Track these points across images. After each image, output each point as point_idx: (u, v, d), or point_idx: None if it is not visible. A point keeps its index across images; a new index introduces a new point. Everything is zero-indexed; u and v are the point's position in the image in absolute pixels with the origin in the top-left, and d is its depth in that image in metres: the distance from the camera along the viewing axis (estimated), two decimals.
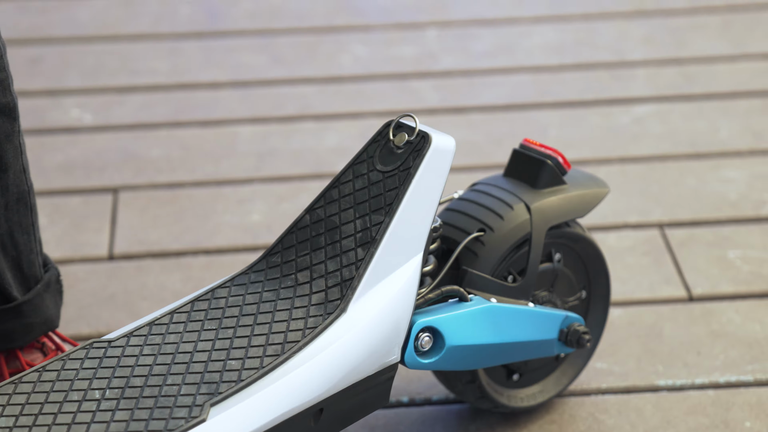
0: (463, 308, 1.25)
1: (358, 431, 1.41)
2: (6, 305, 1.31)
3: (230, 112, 2.05)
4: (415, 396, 1.46)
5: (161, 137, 1.98)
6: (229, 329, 1.19)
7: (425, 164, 1.22)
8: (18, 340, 1.32)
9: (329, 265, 1.22)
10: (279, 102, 2.08)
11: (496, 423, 1.42)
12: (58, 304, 1.36)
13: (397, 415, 1.43)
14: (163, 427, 1.08)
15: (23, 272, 1.32)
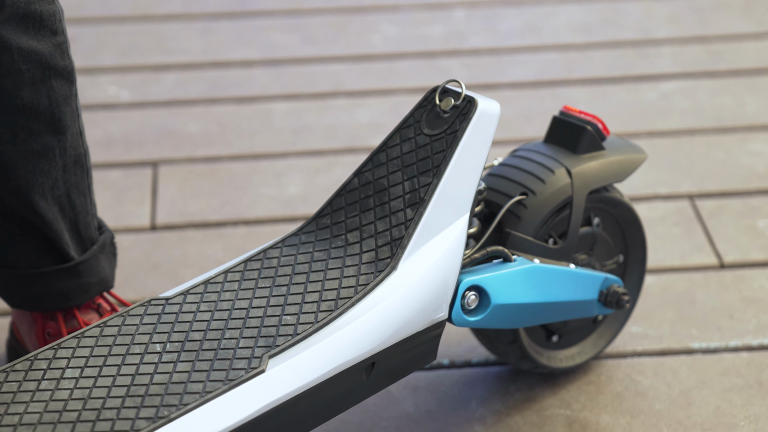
0: (508, 268, 1.29)
1: (401, 391, 1.45)
2: (64, 265, 1.34)
3: (264, 89, 2.09)
4: (456, 358, 1.50)
5: (197, 113, 2.02)
6: (283, 287, 1.23)
7: (472, 127, 1.26)
8: (75, 299, 1.36)
9: (379, 226, 1.26)
10: (311, 79, 2.11)
11: (535, 383, 1.45)
12: (112, 266, 1.40)
13: (438, 376, 1.47)
14: (224, 378, 1.12)
15: (80, 234, 1.35)
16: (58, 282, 1.35)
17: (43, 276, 1.34)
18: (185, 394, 1.11)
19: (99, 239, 1.38)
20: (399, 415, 1.42)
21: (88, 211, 1.36)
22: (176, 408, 1.09)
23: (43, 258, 1.34)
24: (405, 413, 1.42)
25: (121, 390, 1.12)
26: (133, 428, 1.07)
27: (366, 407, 1.42)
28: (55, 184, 1.31)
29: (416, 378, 1.47)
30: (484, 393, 1.44)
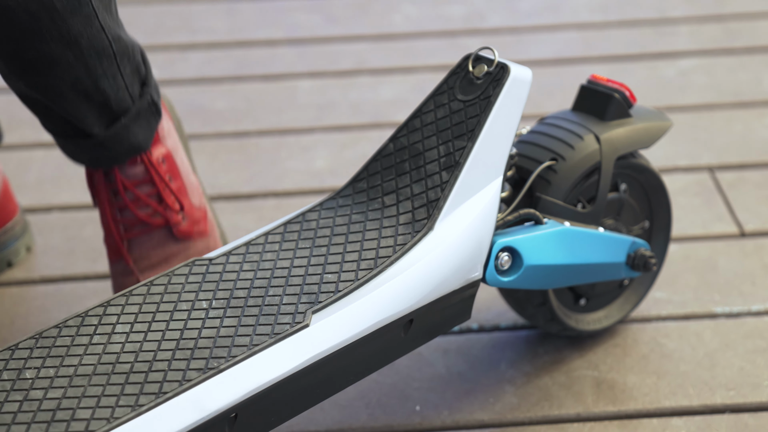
0: (540, 230, 1.33)
1: (433, 354, 1.49)
2: (87, 140, 1.37)
3: (289, 67, 2.13)
4: (485, 323, 1.54)
5: (224, 91, 2.06)
6: (323, 247, 1.27)
7: (505, 92, 1.30)
8: (104, 163, 1.40)
9: (415, 188, 1.30)
10: (335, 58, 2.15)
11: (563, 346, 1.49)
12: (149, 128, 1.41)
13: (468, 340, 1.51)
14: (270, 332, 1.16)
15: (112, 110, 1.37)
16: (85, 151, 1.38)
17: (70, 143, 1.39)
18: (233, 347, 1.15)
19: (132, 109, 1.38)
20: (431, 376, 1.46)
21: (120, 87, 1.36)
22: (225, 360, 1.13)
23: (68, 130, 1.37)
24: (437, 374, 1.46)
25: (170, 344, 1.16)
26: (184, 378, 1.11)
27: (399, 369, 1.46)
28: (76, 80, 1.32)
29: (446, 341, 1.51)
30: (513, 356, 1.48)
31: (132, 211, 1.40)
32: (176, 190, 1.43)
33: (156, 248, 1.42)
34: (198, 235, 1.43)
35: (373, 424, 1.39)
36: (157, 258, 1.42)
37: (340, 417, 1.40)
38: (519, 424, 1.39)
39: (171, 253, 1.42)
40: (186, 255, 1.42)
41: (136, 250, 1.41)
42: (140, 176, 1.40)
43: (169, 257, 1.41)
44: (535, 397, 1.42)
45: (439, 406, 1.41)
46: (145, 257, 1.41)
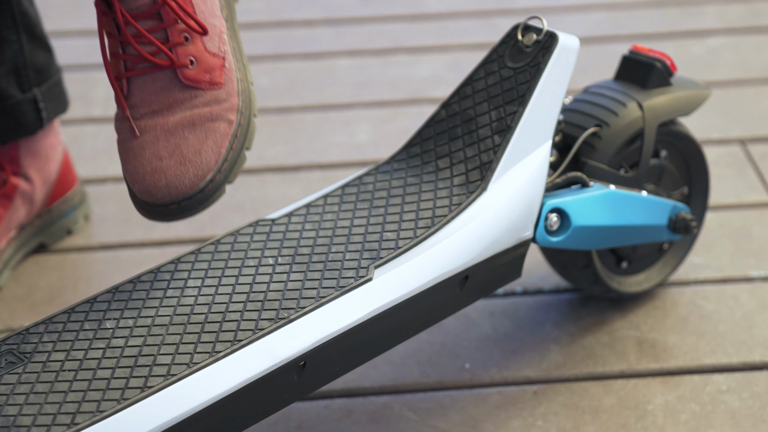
0: (587, 193, 1.39)
1: (479, 315, 1.54)
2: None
3: (327, 45, 2.19)
4: (528, 286, 1.59)
5: (266, 69, 2.12)
6: (380, 207, 1.33)
7: (554, 60, 1.35)
8: None
9: (467, 152, 1.35)
10: (372, 37, 2.21)
11: (605, 308, 1.55)
12: None
13: (513, 302, 1.57)
14: (335, 285, 1.22)
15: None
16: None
17: None
18: (301, 299, 1.21)
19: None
20: (478, 336, 1.51)
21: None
22: (294, 310, 1.19)
23: None
24: (484, 335, 1.52)
25: (241, 297, 1.22)
26: (257, 327, 1.17)
27: (447, 329, 1.52)
28: None
29: (492, 304, 1.56)
30: (557, 317, 1.54)
31: (133, 46, 1.24)
32: (185, 29, 1.27)
33: (158, 93, 1.26)
34: (208, 84, 1.26)
35: (425, 380, 1.45)
36: (159, 104, 1.26)
37: (393, 374, 1.46)
38: (565, 380, 1.45)
39: (174, 100, 1.25)
40: (190, 104, 1.25)
41: (137, 93, 1.26)
42: (144, 8, 1.25)
43: (171, 105, 1.25)
44: (579, 355, 1.48)
45: (488, 363, 1.47)
46: (147, 103, 1.26)
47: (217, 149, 1.24)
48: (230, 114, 1.27)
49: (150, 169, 1.22)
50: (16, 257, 1.62)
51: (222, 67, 1.28)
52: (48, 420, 1.07)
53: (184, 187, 1.22)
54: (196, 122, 1.25)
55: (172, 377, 1.12)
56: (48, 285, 1.61)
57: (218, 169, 1.24)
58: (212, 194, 1.24)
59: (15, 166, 1.59)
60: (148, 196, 1.21)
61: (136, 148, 1.24)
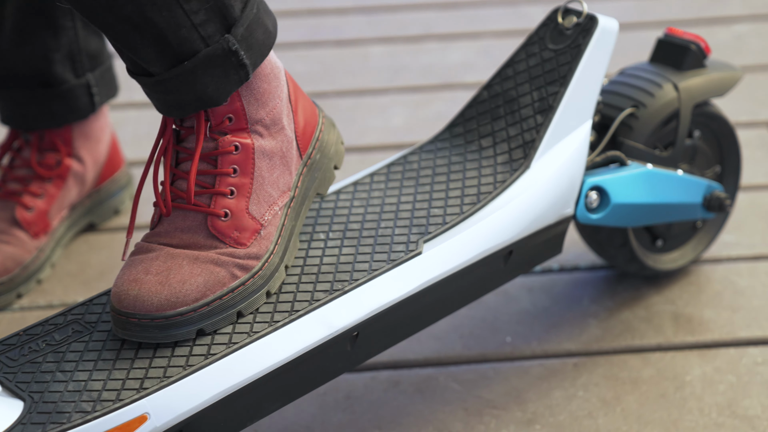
0: (625, 171, 1.43)
1: (518, 291, 1.59)
2: (148, 78, 1.23)
3: (360, 33, 2.23)
4: (565, 264, 1.64)
5: (300, 56, 2.16)
6: (426, 185, 1.37)
7: (594, 41, 1.39)
8: (173, 111, 1.25)
9: (510, 131, 1.40)
10: (404, 24, 2.26)
11: (640, 284, 1.59)
12: (222, 81, 1.23)
13: (550, 279, 1.61)
14: (386, 258, 1.26)
15: (172, 49, 1.21)
16: (151, 92, 1.24)
17: (141, 83, 1.25)
18: (354, 271, 1.25)
19: (201, 53, 1.21)
20: (518, 311, 1.56)
21: (181, 25, 1.20)
22: (348, 282, 1.24)
23: (135, 65, 1.24)
24: (523, 310, 1.56)
25: (296, 269, 1.26)
26: (313, 299, 1.22)
27: (488, 304, 1.57)
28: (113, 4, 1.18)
29: (530, 281, 1.61)
30: (594, 293, 1.59)
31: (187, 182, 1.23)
32: (235, 184, 1.25)
33: (184, 231, 1.24)
34: (233, 241, 1.23)
35: (467, 353, 1.50)
36: (179, 241, 1.23)
37: (437, 347, 1.51)
38: (604, 353, 1.49)
39: (195, 243, 1.23)
40: (194, 256, 1.21)
41: (165, 224, 1.24)
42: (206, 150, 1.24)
43: (189, 246, 1.22)
44: (617, 329, 1.52)
45: (528, 337, 1.52)
46: (170, 236, 1.24)
47: (204, 290, 1.19)
48: (238, 271, 1.22)
49: (131, 279, 1.19)
50: (67, 236, 1.67)
51: (255, 233, 1.25)
52: (118, 385, 1.12)
53: (150, 305, 1.17)
54: (200, 258, 1.22)
55: (233, 345, 1.16)
56: (98, 262, 1.66)
57: (194, 307, 1.18)
58: (177, 329, 1.17)
59: (69, 148, 1.64)
60: (115, 301, 1.18)
61: (135, 261, 1.21)
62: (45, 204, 1.61)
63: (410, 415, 1.41)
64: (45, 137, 1.63)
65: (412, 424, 1.40)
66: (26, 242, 1.59)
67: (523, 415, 1.41)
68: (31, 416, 1.08)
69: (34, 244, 1.60)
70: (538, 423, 1.39)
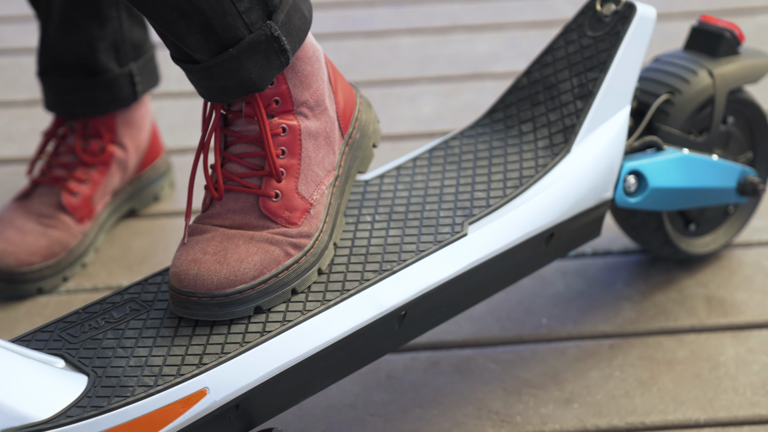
0: (662, 156, 1.46)
1: (553, 275, 1.62)
2: (193, 65, 1.26)
3: (388, 24, 2.26)
4: (598, 248, 1.67)
5: (330, 47, 2.20)
6: (468, 169, 1.40)
7: (632, 28, 1.43)
8: (216, 98, 1.28)
9: (550, 116, 1.43)
10: (431, 16, 2.29)
11: (672, 268, 1.63)
12: (264, 66, 1.26)
13: (584, 263, 1.64)
14: (433, 240, 1.30)
15: (218, 35, 1.23)
16: (196, 79, 1.27)
17: (184, 69, 1.28)
18: (401, 252, 1.28)
19: (245, 39, 1.24)
20: (553, 294, 1.59)
21: (227, 12, 1.23)
22: (396, 263, 1.27)
23: (180, 53, 1.26)
24: (558, 293, 1.59)
25: (344, 250, 1.29)
26: (363, 278, 1.25)
27: (523, 288, 1.60)
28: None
29: (564, 265, 1.64)
30: (627, 276, 1.62)
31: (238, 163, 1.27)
32: (284, 165, 1.28)
33: (236, 212, 1.27)
34: (284, 221, 1.26)
35: (504, 335, 1.53)
36: (232, 222, 1.26)
37: (474, 329, 1.54)
38: (639, 334, 1.52)
39: (248, 224, 1.26)
40: (249, 236, 1.25)
41: (218, 206, 1.28)
42: (252, 133, 1.28)
43: (243, 227, 1.26)
44: (651, 311, 1.56)
45: (564, 319, 1.55)
46: (223, 217, 1.27)
47: (261, 268, 1.23)
48: (292, 249, 1.26)
49: (190, 259, 1.23)
50: (110, 221, 1.70)
51: (305, 212, 1.29)
52: (177, 360, 1.15)
53: (211, 283, 1.20)
54: (255, 238, 1.25)
55: (288, 323, 1.20)
56: (140, 247, 1.69)
57: (252, 285, 1.22)
58: (236, 306, 1.20)
59: (112, 135, 1.67)
60: (176, 281, 1.21)
61: (191, 243, 1.25)
62: (89, 190, 1.64)
63: (450, 395, 1.45)
64: (89, 124, 1.66)
65: (452, 403, 1.44)
66: (72, 227, 1.62)
67: (561, 395, 1.44)
68: (96, 390, 1.12)
69: (79, 229, 1.63)
70: (576, 402, 1.43)
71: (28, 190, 1.64)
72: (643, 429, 1.39)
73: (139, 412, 1.10)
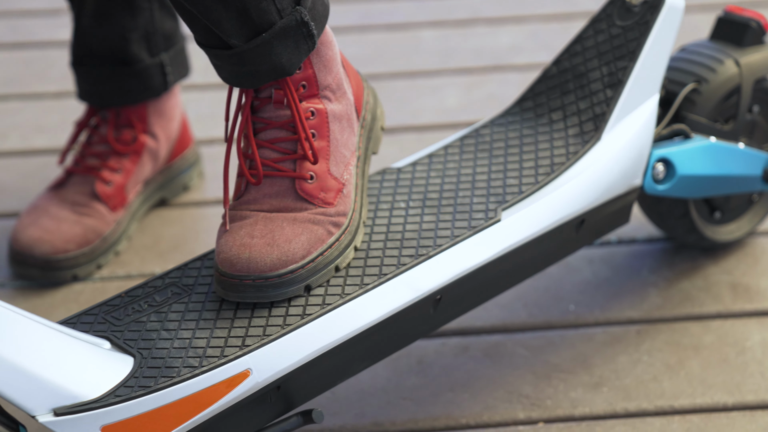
0: (690, 144, 1.48)
1: (579, 263, 1.64)
2: (226, 50, 1.28)
3: (410, 17, 2.28)
4: (623, 236, 1.69)
5: (352, 39, 2.22)
6: (500, 156, 1.43)
7: (662, 17, 1.45)
8: (245, 82, 1.30)
9: (580, 105, 1.45)
10: (452, 9, 2.31)
11: (697, 255, 1.65)
12: (294, 51, 1.29)
13: (609, 251, 1.67)
14: (467, 225, 1.32)
15: (252, 21, 1.27)
16: (226, 64, 1.29)
17: (213, 55, 1.30)
18: (437, 237, 1.30)
19: (277, 25, 1.27)
20: (580, 281, 1.61)
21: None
22: (432, 248, 1.29)
23: (211, 38, 1.29)
24: (585, 280, 1.61)
25: (380, 236, 1.31)
26: (399, 263, 1.27)
27: (550, 275, 1.62)
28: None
29: (590, 253, 1.66)
30: (652, 263, 1.64)
31: (270, 149, 1.30)
32: (316, 147, 1.31)
33: (272, 197, 1.30)
34: (321, 202, 1.30)
35: (532, 321, 1.55)
36: (269, 206, 1.29)
37: (502, 315, 1.56)
38: (665, 320, 1.55)
39: (286, 206, 1.29)
40: (292, 217, 1.28)
41: (253, 192, 1.30)
42: (283, 118, 1.30)
43: (281, 210, 1.29)
44: (677, 298, 1.58)
45: (591, 305, 1.57)
46: (260, 202, 1.30)
47: (308, 247, 1.26)
48: (333, 228, 1.29)
49: (239, 243, 1.25)
50: (141, 210, 1.72)
51: (339, 192, 1.32)
52: (221, 342, 1.17)
53: (264, 265, 1.23)
54: (298, 219, 1.28)
55: (327, 306, 1.22)
56: (172, 236, 1.71)
57: (302, 264, 1.25)
58: (289, 286, 1.24)
59: (144, 125, 1.69)
60: (228, 266, 1.24)
61: (233, 229, 1.27)
62: (122, 178, 1.67)
63: (480, 379, 1.47)
64: (121, 114, 1.68)
65: (482, 387, 1.46)
66: (105, 215, 1.65)
67: (590, 379, 1.46)
68: (143, 370, 1.14)
69: (112, 217, 1.66)
70: (605, 386, 1.45)
71: (62, 179, 1.67)
72: (671, 412, 1.42)
73: (185, 392, 1.13)
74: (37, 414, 1.08)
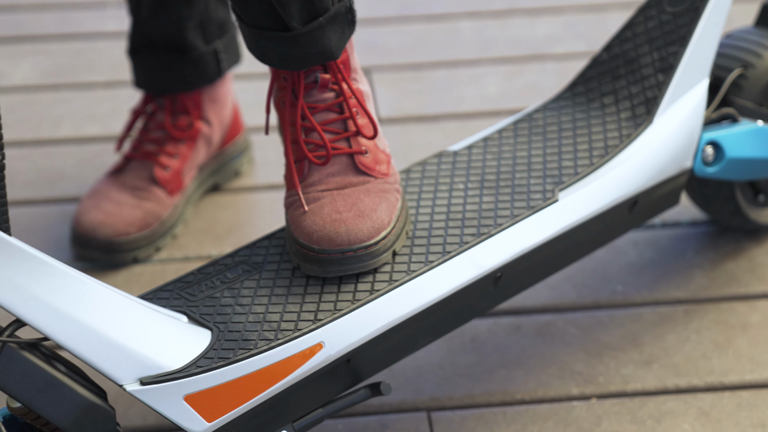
0: (738, 128, 1.52)
1: (625, 245, 1.68)
2: (283, 33, 1.33)
3: (448, 8, 2.32)
4: (667, 219, 1.73)
5: (393, 30, 2.26)
6: (554, 139, 1.46)
7: (712, 3, 1.48)
8: (293, 64, 1.35)
9: (632, 89, 1.49)
10: (490, 0, 2.35)
11: (741, 238, 1.68)
12: (342, 36, 1.36)
13: (654, 234, 1.70)
14: (526, 206, 1.36)
15: (313, 4, 1.33)
16: (278, 46, 1.34)
17: (267, 37, 1.34)
18: (497, 217, 1.34)
19: (331, 9, 1.34)
20: (626, 263, 1.65)
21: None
22: (493, 227, 1.33)
23: (268, 20, 1.33)
24: (630, 262, 1.65)
25: (441, 216, 1.35)
26: (462, 241, 1.31)
27: (597, 257, 1.66)
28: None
29: (635, 236, 1.70)
30: (697, 245, 1.68)
31: (319, 134, 1.35)
32: (361, 126, 1.37)
33: (335, 175, 1.35)
34: (379, 173, 1.36)
35: (582, 301, 1.59)
36: (335, 184, 1.34)
37: (552, 296, 1.60)
38: (712, 300, 1.58)
39: (349, 182, 1.35)
40: (364, 189, 1.35)
41: (315, 174, 1.35)
42: (329, 100, 1.36)
43: (346, 186, 1.34)
44: (722, 279, 1.61)
45: (638, 286, 1.61)
46: (324, 182, 1.35)
47: (390, 212, 1.33)
48: (397, 194, 1.36)
49: (330, 220, 1.30)
50: (196, 194, 1.77)
51: (388, 163, 1.39)
52: (294, 317, 1.21)
53: (362, 235, 1.29)
54: (371, 190, 1.34)
55: (394, 282, 1.26)
56: (226, 220, 1.76)
57: (390, 229, 1.31)
58: (381, 253, 1.29)
59: (199, 111, 1.73)
60: (327, 243, 1.28)
61: (314, 209, 1.32)
62: (179, 164, 1.71)
63: (534, 356, 1.51)
64: (177, 101, 1.72)
65: (536, 365, 1.50)
66: (163, 199, 1.69)
67: (641, 356, 1.50)
68: (221, 343, 1.18)
69: (170, 201, 1.70)
70: (655, 363, 1.49)
71: (120, 165, 1.71)
72: (721, 388, 1.45)
73: (262, 363, 1.17)
74: (125, 383, 1.12)
